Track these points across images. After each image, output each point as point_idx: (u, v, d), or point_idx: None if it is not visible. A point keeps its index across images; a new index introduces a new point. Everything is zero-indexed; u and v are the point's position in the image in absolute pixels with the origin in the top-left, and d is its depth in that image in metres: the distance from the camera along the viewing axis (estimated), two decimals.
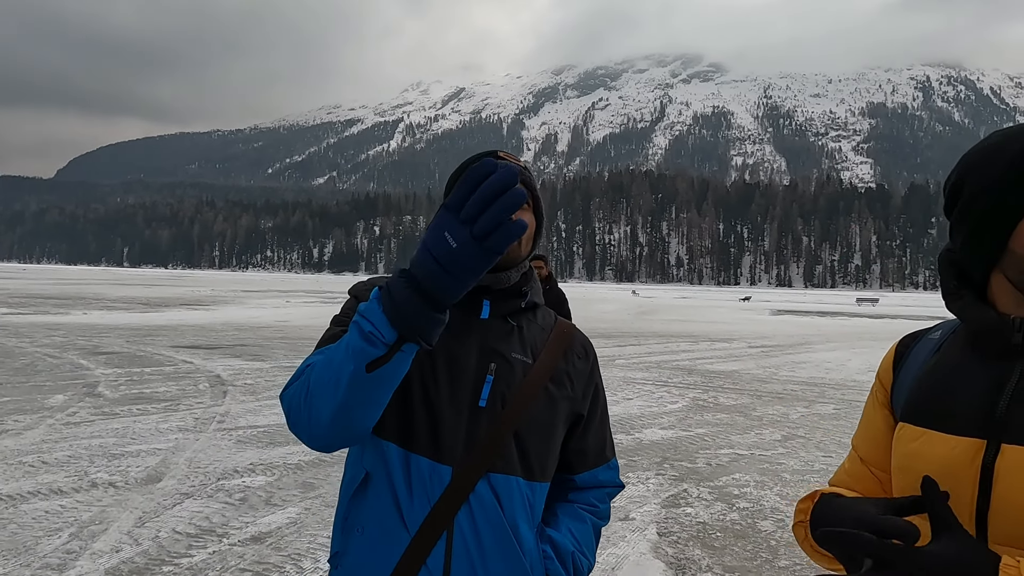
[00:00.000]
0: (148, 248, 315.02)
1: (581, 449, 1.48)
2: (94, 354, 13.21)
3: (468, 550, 1.28)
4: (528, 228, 1.31)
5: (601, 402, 1.53)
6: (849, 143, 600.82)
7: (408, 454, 1.31)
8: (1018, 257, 0.96)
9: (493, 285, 1.40)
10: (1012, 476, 0.90)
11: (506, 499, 1.32)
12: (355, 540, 1.33)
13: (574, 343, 1.49)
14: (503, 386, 1.36)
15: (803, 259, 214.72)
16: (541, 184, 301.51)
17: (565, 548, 1.40)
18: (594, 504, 1.50)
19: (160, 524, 4.54)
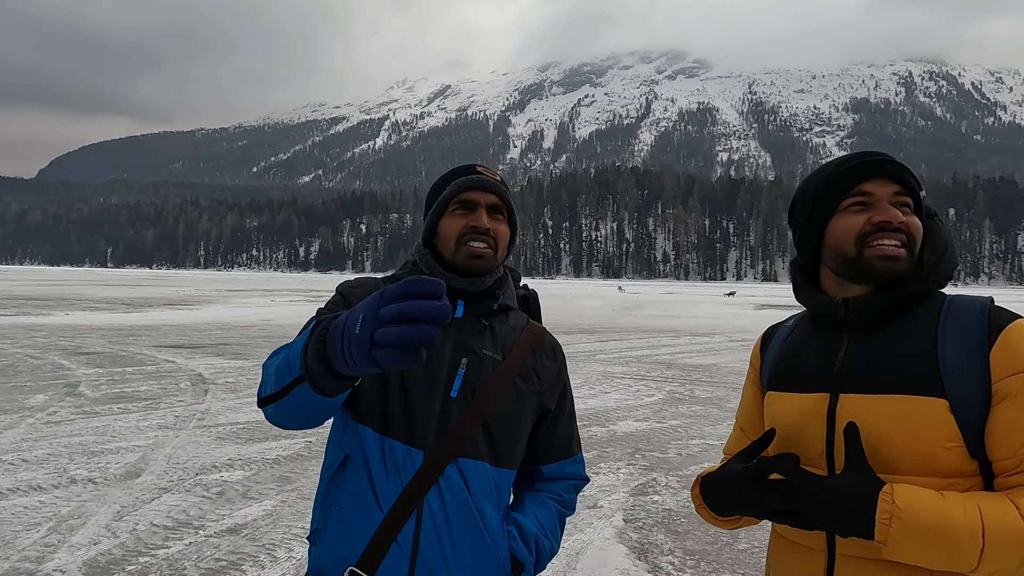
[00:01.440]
0: (132, 248, 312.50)
1: (548, 442, 1.59)
2: (76, 354, 13.23)
3: (436, 528, 1.38)
4: (501, 240, 1.54)
5: (568, 399, 1.64)
6: (833, 138, 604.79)
7: (384, 438, 1.41)
8: (830, 248, 1.30)
9: (468, 288, 1.52)
10: (848, 417, 1.21)
11: (473, 482, 1.42)
12: (333, 517, 1.42)
13: (543, 343, 1.60)
14: (473, 379, 1.47)
15: (788, 254, 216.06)
16: (528, 181, 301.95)
17: (529, 530, 1.51)
18: (559, 494, 1.60)
19: (138, 518, 4.65)
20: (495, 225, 1.53)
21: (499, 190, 1.55)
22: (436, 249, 1.56)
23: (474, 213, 1.52)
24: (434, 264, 1.53)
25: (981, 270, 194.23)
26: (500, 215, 1.56)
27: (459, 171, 1.59)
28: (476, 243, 1.50)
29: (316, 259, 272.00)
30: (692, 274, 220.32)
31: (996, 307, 1.26)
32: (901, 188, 1.27)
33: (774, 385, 1.39)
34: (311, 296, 46.02)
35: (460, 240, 1.51)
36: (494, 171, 1.59)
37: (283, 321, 23.22)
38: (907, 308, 1.27)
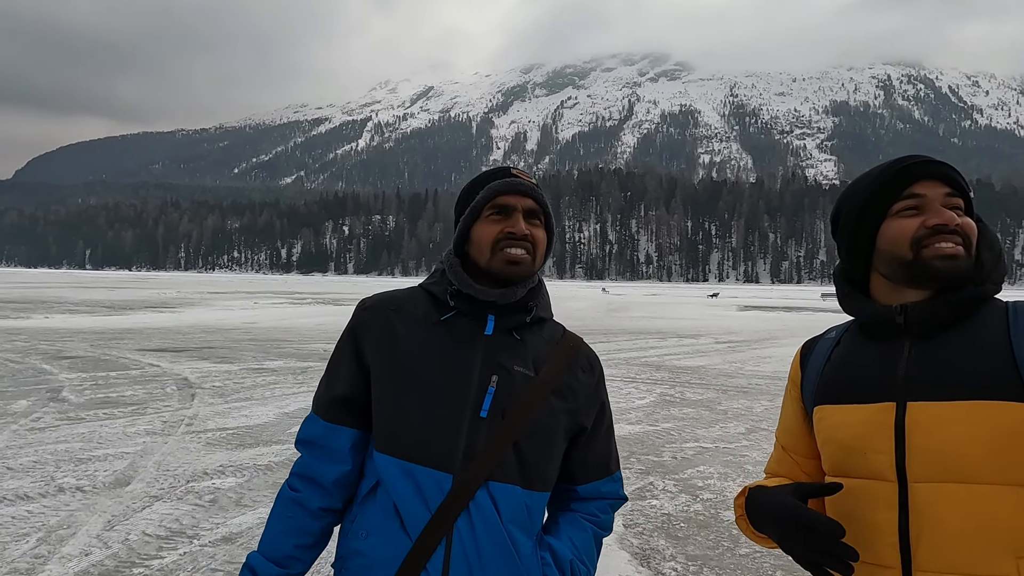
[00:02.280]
0: (111, 250, 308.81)
1: (584, 460, 1.52)
2: (57, 358, 13.00)
3: (466, 555, 1.33)
4: (539, 245, 1.48)
5: (607, 416, 1.56)
6: (813, 140, 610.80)
7: (409, 464, 1.36)
8: (883, 252, 1.27)
9: (500, 300, 1.45)
10: (919, 426, 1.17)
11: (504, 507, 1.36)
12: (359, 544, 1.39)
13: (579, 356, 1.52)
14: (504, 398, 1.40)
15: (770, 255, 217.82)
16: None
17: (564, 555, 1.44)
18: (595, 515, 1.54)
19: (129, 527, 4.54)
20: (532, 230, 1.47)
21: (536, 194, 1.50)
22: (469, 256, 1.50)
23: (510, 218, 1.46)
24: (462, 275, 1.47)
25: None
26: (537, 220, 1.50)
27: (493, 175, 1.53)
28: (513, 249, 1.44)
29: (298, 261, 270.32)
30: (675, 275, 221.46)
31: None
32: (952, 189, 1.24)
33: (824, 399, 1.32)
34: (294, 298, 45.71)
35: (496, 246, 1.45)
36: (529, 174, 1.53)
37: (267, 324, 23.01)
38: (969, 311, 1.24)
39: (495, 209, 1.47)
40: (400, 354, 1.43)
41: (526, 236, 1.45)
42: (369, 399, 1.45)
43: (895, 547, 1.17)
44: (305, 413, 9.12)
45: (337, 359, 1.51)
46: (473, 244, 1.49)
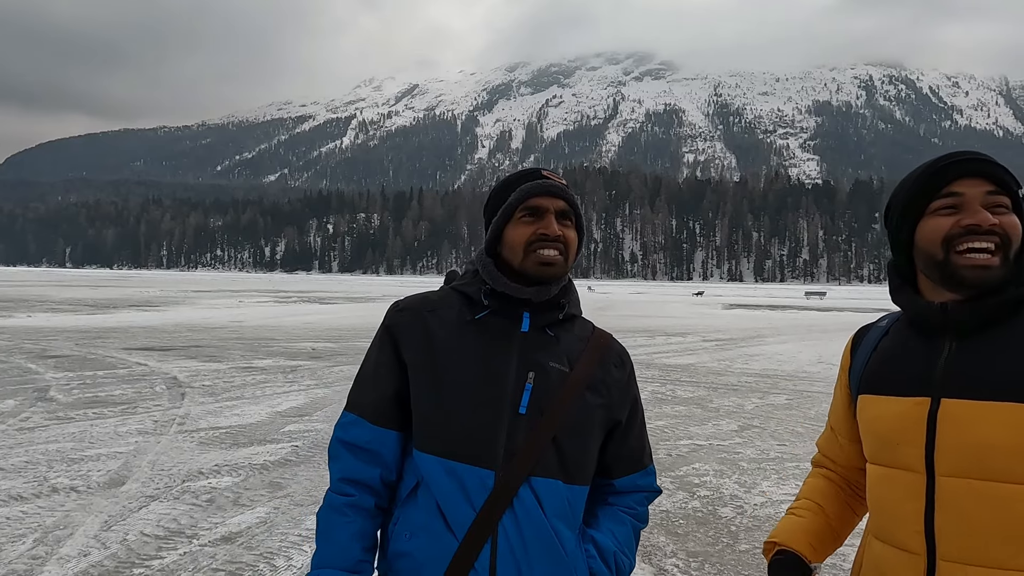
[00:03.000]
0: (92, 248, 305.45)
1: (620, 455, 1.54)
2: (43, 357, 12.85)
3: (513, 551, 1.34)
4: (571, 246, 1.50)
5: (639, 410, 1.59)
6: (796, 140, 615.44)
7: (452, 463, 1.37)
8: (920, 249, 1.29)
9: (534, 298, 1.46)
10: (951, 422, 1.21)
11: (547, 502, 1.38)
12: (404, 544, 1.39)
13: (611, 352, 1.55)
14: (541, 394, 1.41)
15: (753, 254, 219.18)
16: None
17: (607, 548, 1.46)
18: (633, 507, 1.56)
19: (127, 527, 4.50)
20: (564, 231, 1.49)
21: (567, 195, 1.51)
22: (501, 257, 1.51)
23: (543, 220, 1.48)
24: (497, 274, 1.49)
25: None
26: (568, 221, 1.51)
27: (524, 176, 1.54)
28: (547, 250, 1.46)
29: (282, 259, 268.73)
30: (659, 274, 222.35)
31: None
32: (995, 187, 1.22)
33: (868, 388, 1.36)
34: (279, 296, 45.45)
35: (529, 247, 1.46)
36: (559, 175, 1.54)
37: (254, 323, 22.87)
38: (1010, 313, 1.25)
39: (527, 211, 1.48)
40: (437, 353, 1.45)
41: (559, 237, 1.47)
42: (409, 400, 1.47)
43: (920, 535, 1.22)
44: (298, 413, 9.18)
45: (376, 360, 1.51)
46: (506, 245, 1.50)
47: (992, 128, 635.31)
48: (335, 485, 1.46)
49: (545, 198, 1.49)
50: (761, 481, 5.91)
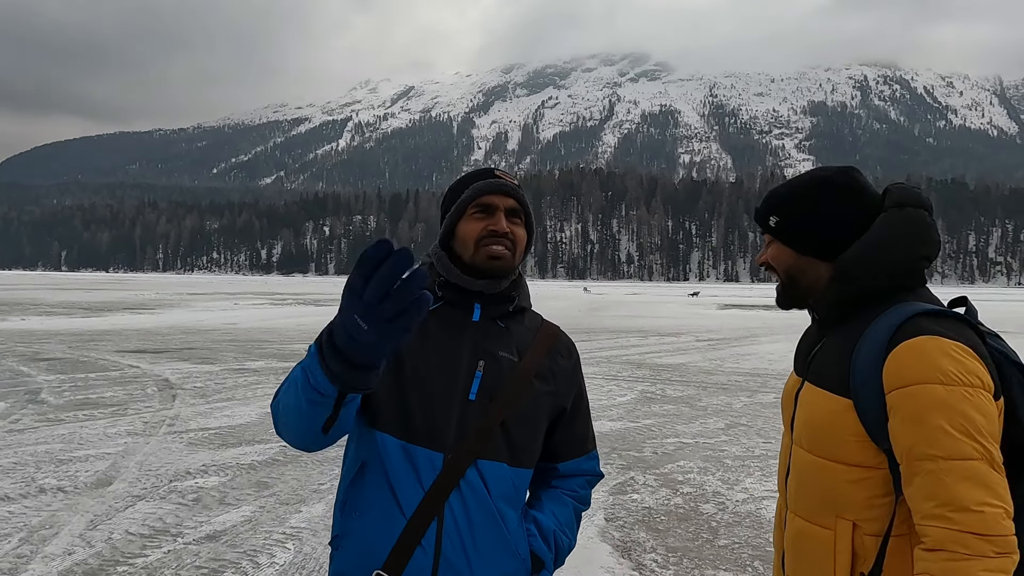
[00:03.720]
0: (87, 251, 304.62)
1: (565, 440, 1.63)
2: (35, 360, 12.87)
3: (459, 529, 1.41)
4: (519, 243, 1.58)
5: (584, 398, 1.68)
6: (791, 140, 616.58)
7: (404, 444, 1.44)
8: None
9: (486, 290, 1.55)
10: (802, 400, 1.50)
11: (493, 483, 1.46)
12: (354, 523, 1.46)
13: (559, 343, 1.63)
14: (491, 381, 1.50)
15: (749, 254, 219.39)
16: None
17: (547, 527, 1.55)
18: (575, 490, 1.64)
19: (112, 526, 4.54)
20: (513, 228, 1.56)
21: (517, 194, 1.58)
22: (453, 251, 1.58)
23: (493, 216, 1.55)
24: (451, 267, 1.56)
25: (935, 269, 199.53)
26: (518, 219, 1.59)
27: (477, 175, 1.61)
28: (495, 246, 1.53)
29: (278, 261, 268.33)
30: (656, 275, 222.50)
31: (911, 321, 1.29)
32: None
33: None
34: (274, 299, 45.42)
35: (479, 242, 1.54)
36: (512, 175, 1.62)
37: (247, 325, 22.88)
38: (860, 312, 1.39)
39: (479, 208, 1.55)
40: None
41: (507, 233, 1.54)
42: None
43: (784, 487, 1.57)
44: None
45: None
46: (458, 240, 1.57)
47: (986, 128, 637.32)
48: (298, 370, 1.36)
49: (496, 196, 1.56)
50: (744, 478, 5.97)
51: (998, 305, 53.52)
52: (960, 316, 1.34)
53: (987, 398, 1.25)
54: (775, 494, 5.53)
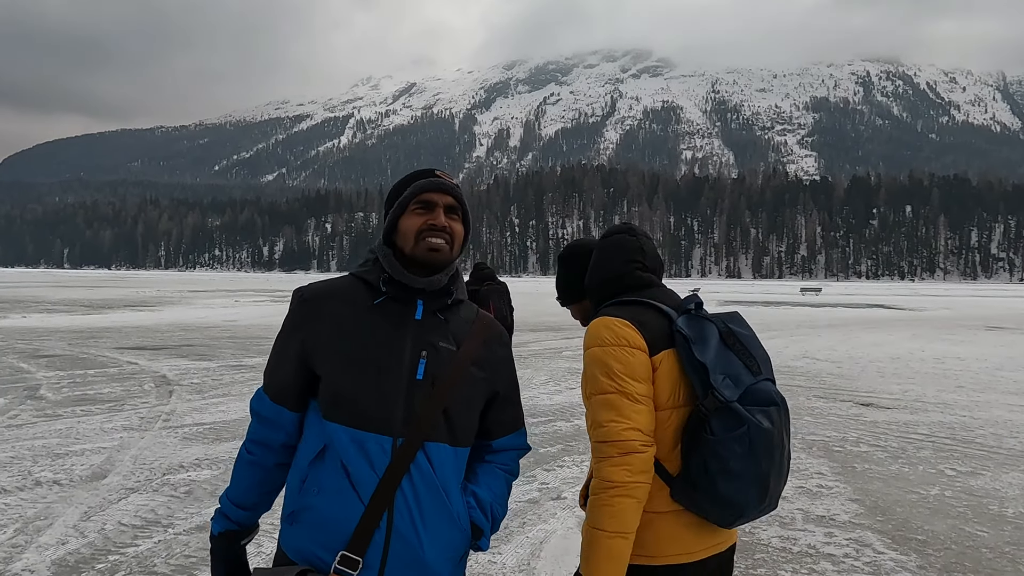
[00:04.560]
0: (89, 249, 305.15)
1: (498, 420, 1.77)
2: (35, 357, 13.01)
3: (409, 507, 1.55)
4: (456, 237, 1.71)
5: (515, 380, 1.82)
6: (794, 136, 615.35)
7: (354, 432, 1.57)
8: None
9: (428, 287, 1.67)
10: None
11: (438, 463, 1.60)
12: (313, 500, 1.57)
13: (493, 332, 1.78)
14: (434, 368, 1.63)
15: (751, 251, 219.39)
16: (494, 179, 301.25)
17: (485, 499, 1.70)
18: (507, 464, 1.81)
19: (106, 518, 4.67)
20: (451, 223, 1.69)
21: (455, 192, 1.71)
22: (396, 245, 1.70)
23: (432, 212, 1.67)
24: (395, 263, 1.67)
25: (936, 266, 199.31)
26: (455, 215, 1.71)
27: (419, 174, 1.74)
28: (434, 238, 1.65)
29: (280, 259, 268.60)
30: None
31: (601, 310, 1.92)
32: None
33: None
34: (276, 296, 45.56)
35: (419, 236, 1.66)
36: (451, 175, 1.74)
37: (247, 322, 23.01)
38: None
39: (420, 204, 1.69)
40: (341, 336, 1.63)
41: (446, 227, 1.67)
42: (311, 382, 1.65)
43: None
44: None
45: (283, 344, 1.70)
46: (400, 234, 1.69)
47: (989, 123, 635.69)
48: (246, 443, 1.72)
49: (436, 194, 1.69)
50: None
51: (999, 302, 53.48)
52: (640, 301, 1.87)
53: (631, 352, 1.76)
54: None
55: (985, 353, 15.83)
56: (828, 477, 5.92)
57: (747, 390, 1.74)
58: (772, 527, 4.74)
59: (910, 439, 7.35)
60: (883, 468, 6.23)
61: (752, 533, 4.57)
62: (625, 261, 1.97)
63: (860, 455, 6.67)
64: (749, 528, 4.61)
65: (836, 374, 12.21)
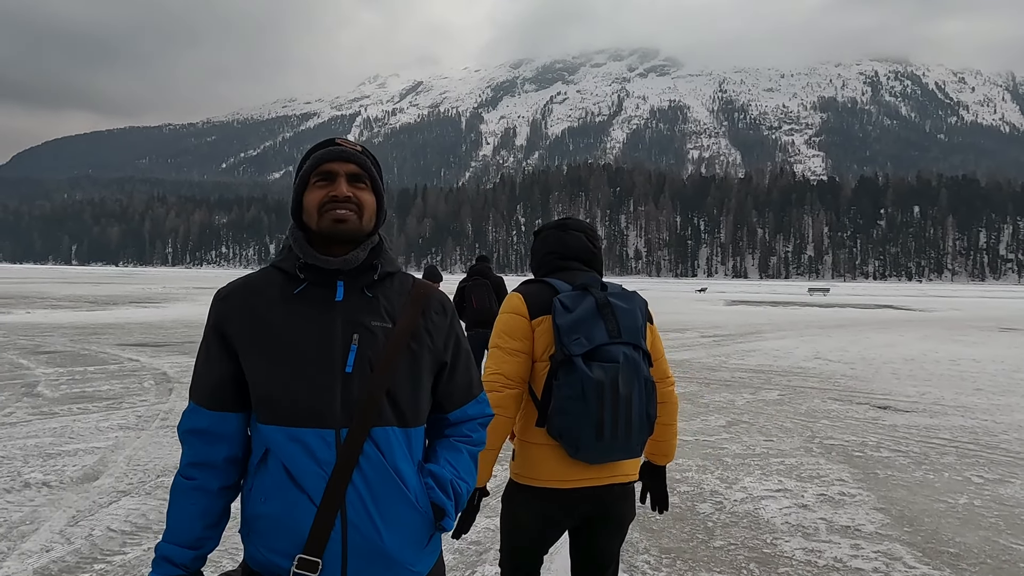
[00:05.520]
0: (97, 245, 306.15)
1: (449, 391, 1.69)
2: (35, 353, 12.83)
3: (362, 499, 1.47)
4: (365, 207, 1.59)
5: (463, 348, 1.73)
6: (801, 136, 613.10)
7: (294, 430, 1.47)
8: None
9: (343, 267, 1.56)
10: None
11: (387, 449, 1.50)
12: (261, 508, 1.50)
13: (431, 301, 1.67)
14: (368, 351, 1.52)
15: (758, 250, 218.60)
16: (500, 178, 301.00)
17: (444, 477, 1.61)
18: (467, 435, 1.72)
19: (94, 522, 4.46)
20: (357, 192, 1.58)
21: (358, 159, 1.59)
22: (305, 224, 1.61)
23: (334, 183, 1.57)
24: (307, 247, 1.57)
25: (944, 267, 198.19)
26: (362, 183, 1.60)
27: (319, 146, 1.63)
28: (337, 210, 1.55)
29: None
30: (664, 271, 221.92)
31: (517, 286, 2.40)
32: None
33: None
34: None
35: (322, 209, 1.56)
36: (355, 143, 1.63)
37: None
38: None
39: (320, 176, 1.58)
40: (265, 333, 1.52)
41: (349, 198, 1.56)
42: (245, 382, 1.54)
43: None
44: None
45: (206, 350, 1.58)
46: (305, 211, 1.60)
47: (998, 124, 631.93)
48: (183, 470, 1.56)
49: (336, 163, 1.58)
50: (744, 476, 5.83)
51: (1009, 303, 53.02)
52: (541, 280, 2.35)
53: (513, 318, 2.26)
54: (774, 493, 5.40)
55: (1000, 355, 15.53)
56: (850, 484, 5.67)
57: (597, 348, 2.11)
58: (795, 538, 4.47)
59: (932, 444, 7.09)
60: (907, 475, 5.97)
61: (774, 544, 4.35)
62: (546, 252, 2.45)
63: (882, 461, 6.41)
64: (770, 539, 4.41)
65: (850, 376, 11.93)
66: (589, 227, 2.51)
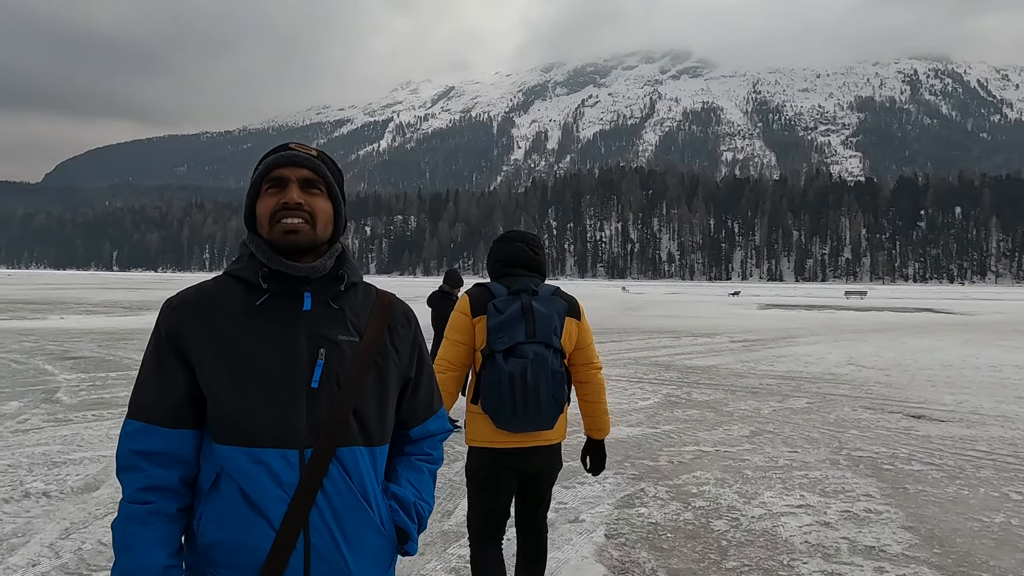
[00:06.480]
0: (137, 252, 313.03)
1: (413, 408, 1.64)
2: (61, 359, 12.97)
3: (326, 522, 1.40)
4: (319, 214, 1.50)
5: (426, 362, 1.67)
6: (838, 137, 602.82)
7: (255, 450, 1.38)
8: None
9: (311, 275, 1.48)
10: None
11: (353, 470, 1.44)
12: (213, 536, 1.39)
13: (396, 314, 1.61)
14: (335, 366, 1.45)
15: (793, 253, 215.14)
16: (532, 182, 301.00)
17: (407, 499, 1.56)
18: (427, 452, 1.68)
19: (86, 535, 4.38)
20: (309, 199, 1.49)
21: (311, 164, 1.51)
22: (259, 233, 1.53)
23: (285, 190, 1.48)
24: (271, 253, 1.49)
25: (988, 268, 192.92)
26: (317, 189, 1.51)
27: (272, 151, 1.55)
28: (288, 219, 1.46)
29: None
30: (697, 274, 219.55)
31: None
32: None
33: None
34: None
35: (273, 218, 1.48)
36: (310, 147, 1.55)
37: None
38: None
39: (271, 182, 1.50)
40: (225, 347, 1.42)
41: (300, 205, 1.47)
42: (202, 398, 1.44)
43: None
44: None
45: (158, 363, 1.46)
46: (257, 219, 1.51)
47: None
48: (132, 495, 1.41)
49: (287, 168, 1.49)
50: (764, 491, 5.55)
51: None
52: (484, 284, 2.82)
53: (460, 316, 2.78)
54: (795, 509, 5.11)
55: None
56: (877, 500, 5.35)
57: (515, 345, 2.63)
58: (814, 559, 4.20)
59: (968, 457, 6.71)
60: (939, 490, 5.63)
61: (790, 567, 4.11)
62: (496, 261, 2.95)
63: (912, 474, 6.07)
64: (787, 560, 4.23)
65: (884, 383, 11.49)
66: (531, 237, 3.01)
